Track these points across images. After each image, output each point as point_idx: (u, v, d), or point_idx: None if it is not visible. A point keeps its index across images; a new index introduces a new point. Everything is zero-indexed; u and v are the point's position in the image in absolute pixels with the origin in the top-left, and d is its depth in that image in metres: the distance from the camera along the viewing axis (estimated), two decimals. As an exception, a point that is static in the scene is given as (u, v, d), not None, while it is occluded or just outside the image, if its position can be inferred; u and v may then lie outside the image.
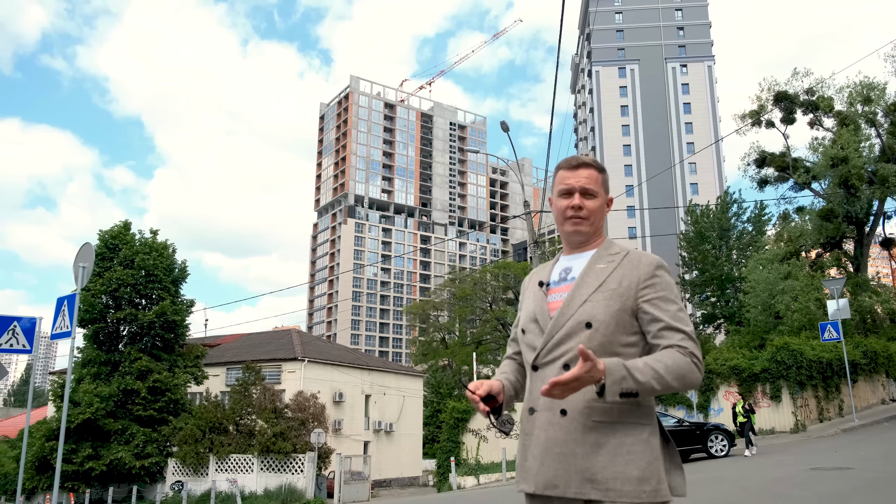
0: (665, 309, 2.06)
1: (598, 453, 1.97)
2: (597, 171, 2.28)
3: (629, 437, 1.98)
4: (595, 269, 2.17)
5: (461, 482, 21.02)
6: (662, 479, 1.98)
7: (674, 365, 1.96)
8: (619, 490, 1.93)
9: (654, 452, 1.99)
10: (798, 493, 8.56)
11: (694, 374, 1.98)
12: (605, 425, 1.99)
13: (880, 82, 31.65)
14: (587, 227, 2.23)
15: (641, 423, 2.01)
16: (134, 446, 26.08)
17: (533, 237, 21.16)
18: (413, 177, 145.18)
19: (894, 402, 26.03)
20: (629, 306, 2.08)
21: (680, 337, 2.01)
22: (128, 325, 28.93)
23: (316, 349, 37.14)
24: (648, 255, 2.18)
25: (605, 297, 2.09)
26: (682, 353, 1.98)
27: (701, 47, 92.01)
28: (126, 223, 29.88)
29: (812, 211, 33.32)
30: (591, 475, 1.95)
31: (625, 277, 2.12)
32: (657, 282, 2.10)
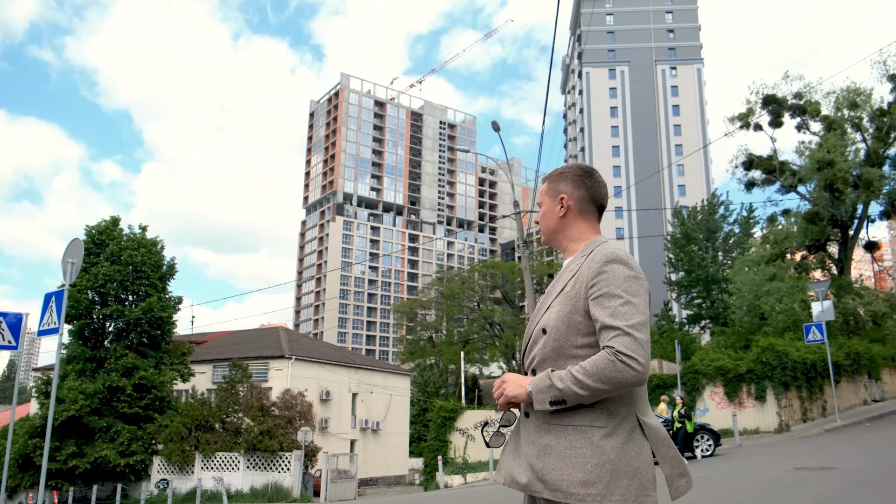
0: (605, 306, 1.99)
1: (550, 455, 2.00)
2: (546, 182, 2.38)
3: (579, 440, 1.98)
4: (563, 275, 2.21)
5: (448, 481, 21.08)
6: (615, 484, 1.93)
7: (593, 368, 1.92)
8: (564, 492, 1.94)
9: (605, 456, 1.95)
10: (791, 494, 8.66)
11: (622, 373, 1.89)
12: (558, 428, 2.01)
13: (867, 88, 32.07)
14: (543, 237, 2.40)
15: (595, 425, 1.98)
16: (119, 444, 25.91)
17: (522, 237, 21.23)
18: (402, 175, 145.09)
19: (876, 402, 26.35)
20: (580, 307, 2.06)
21: (612, 335, 1.94)
22: (114, 322, 28.74)
23: (303, 347, 37.07)
24: (605, 251, 2.13)
25: (560, 302, 2.12)
26: (608, 352, 1.92)
27: (690, 50, 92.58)
28: (115, 218, 29.71)
29: (798, 213, 33.66)
30: (542, 475, 1.99)
31: (578, 278, 2.12)
32: (602, 278, 2.04)
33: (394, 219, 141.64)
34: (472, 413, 25.23)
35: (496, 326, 56.12)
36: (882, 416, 21.67)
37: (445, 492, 19.02)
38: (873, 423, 20.46)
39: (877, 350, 27.10)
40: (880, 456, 12.77)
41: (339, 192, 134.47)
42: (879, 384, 27.24)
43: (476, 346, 56.89)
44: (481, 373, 61.19)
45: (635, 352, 1.91)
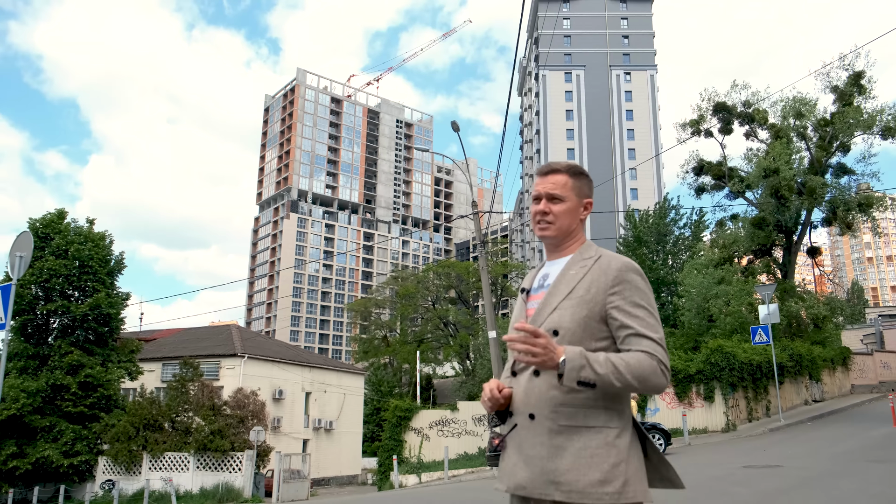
0: (633, 315, 2.07)
1: (562, 456, 2.02)
2: (567, 175, 2.32)
3: (593, 441, 2.02)
4: (567, 275, 2.21)
5: (403, 480, 21.05)
6: (629, 481, 1.99)
7: (637, 365, 1.99)
8: (580, 492, 1.97)
9: (620, 455, 2.01)
10: (739, 491, 8.92)
11: (658, 378, 2.01)
12: (571, 429, 2.03)
13: (812, 98, 33.10)
14: (552, 231, 2.29)
15: (608, 426, 2.04)
16: (62, 444, 25.11)
17: (480, 237, 21.35)
18: (358, 173, 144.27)
19: (816, 402, 27.33)
20: (597, 312, 2.11)
21: (647, 344, 2.04)
22: (59, 318, 27.86)
23: (256, 345, 36.56)
24: (619, 258, 2.19)
25: (573, 305, 2.13)
26: (651, 358, 2.02)
27: (644, 56, 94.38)
28: (61, 212, 28.79)
29: (745, 219, 34.58)
30: (555, 477, 2.00)
31: (593, 283, 2.14)
32: (625, 287, 2.11)
33: (349, 217, 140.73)
34: (428, 412, 25.26)
35: (451, 326, 56.28)
36: (822, 416, 22.50)
37: (400, 491, 19.01)
38: (814, 422, 21.24)
39: (818, 352, 28.12)
40: (822, 454, 13.26)
41: (293, 188, 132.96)
42: (819, 385, 28.26)
43: (430, 346, 56.97)
44: (434, 372, 61.30)
45: (668, 364, 2.06)
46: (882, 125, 31.26)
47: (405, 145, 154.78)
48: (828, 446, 14.66)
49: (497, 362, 20.09)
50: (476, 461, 20.96)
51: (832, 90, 32.72)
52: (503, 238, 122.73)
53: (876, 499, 8.00)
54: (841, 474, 10.26)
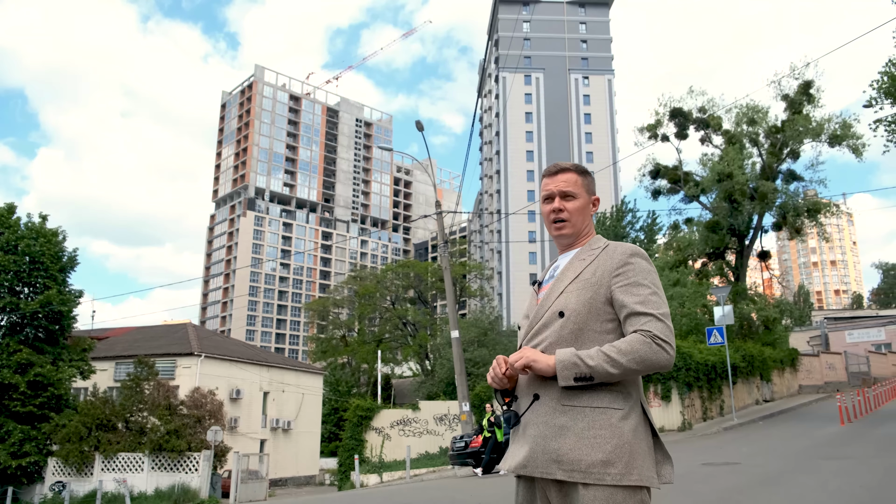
0: (634, 293, 2.12)
1: (566, 436, 2.05)
2: (576, 174, 2.40)
3: (597, 421, 2.05)
4: (574, 263, 2.30)
5: (364, 480, 20.98)
6: (633, 464, 2.01)
7: (628, 348, 2.02)
8: (583, 472, 2.00)
9: (623, 437, 2.03)
10: (699, 489, 9.14)
11: (657, 355, 2.02)
12: (574, 409, 2.07)
13: (764, 106, 34.06)
14: (569, 229, 2.36)
15: (612, 407, 2.07)
16: (9, 445, 24.26)
17: (443, 237, 21.42)
18: (316, 172, 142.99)
19: (767, 402, 28.16)
20: (602, 294, 2.17)
21: (644, 320, 2.07)
22: (7, 315, 26.94)
23: (213, 344, 35.95)
24: (626, 245, 2.27)
25: (579, 288, 2.20)
26: (644, 335, 2.04)
27: (602, 61, 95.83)
28: (10, 206, 27.84)
29: (700, 223, 35.40)
30: (558, 456, 2.04)
31: (599, 267, 2.22)
32: (628, 269, 2.17)
33: (307, 216, 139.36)
34: (389, 412, 25.23)
35: (410, 326, 56.23)
36: (773, 416, 23.20)
37: (361, 491, 18.95)
38: (766, 421, 21.89)
39: (768, 353, 28.97)
40: (777, 452, 13.70)
41: (250, 186, 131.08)
42: (770, 385, 29.12)
43: (389, 346, 56.82)
44: (393, 372, 61.15)
45: (669, 337, 2.07)
46: (829, 133, 32.36)
47: (364, 144, 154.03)
48: (781, 444, 15.14)
49: (459, 361, 20.19)
50: (438, 461, 21.02)
51: (783, 98, 33.73)
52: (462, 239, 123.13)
53: (835, 495, 8.31)
54: (798, 471, 10.62)
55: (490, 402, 18.46)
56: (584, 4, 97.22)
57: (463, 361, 20.50)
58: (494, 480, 14.34)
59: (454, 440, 17.86)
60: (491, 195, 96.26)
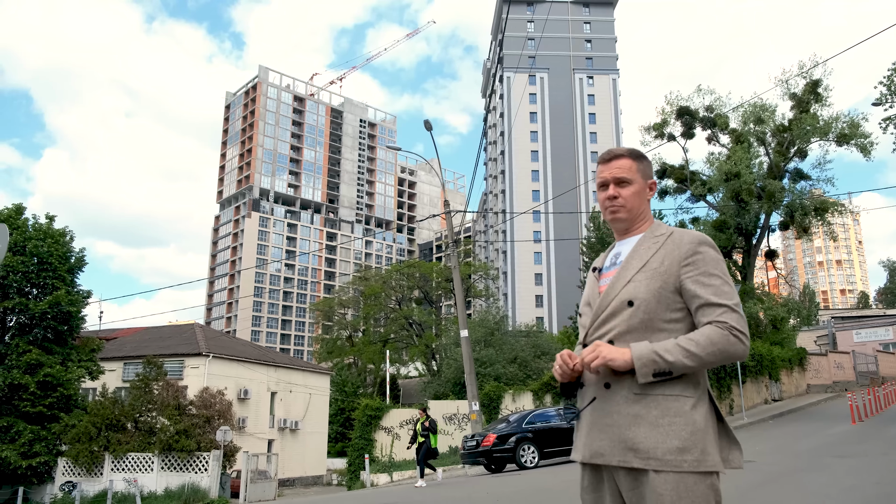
0: (706, 284, 2.11)
1: (640, 424, 2.05)
2: (630, 159, 2.40)
3: (671, 409, 2.05)
4: (639, 251, 2.28)
5: (374, 479, 20.99)
6: (707, 450, 2.02)
7: (706, 341, 2.02)
8: (659, 459, 2.00)
9: (697, 424, 2.04)
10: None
11: (735, 347, 2.03)
12: (647, 398, 2.07)
13: (771, 104, 33.91)
14: (624, 213, 2.35)
15: (685, 395, 2.07)
16: (20, 445, 24.32)
17: (452, 235, 21.43)
18: (321, 173, 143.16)
19: (776, 401, 28.12)
20: (671, 283, 2.16)
21: (719, 312, 2.06)
22: (16, 316, 27.02)
23: (220, 344, 36.02)
24: (692, 233, 2.24)
25: (647, 277, 2.18)
26: (720, 327, 2.03)
27: (606, 60, 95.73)
28: (18, 207, 27.95)
29: (707, 222, 35.30)
30: (633, 445, 2.04)
31: (667, 256, 2.20)
32: (698, 259, 2.16)
33: (311, 217, 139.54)
34: (398, 412, 25.23)
35: (415, 326, 56.25)
36: (782, 415, 23.17)
37: (371, 490, 18.95)
38: (775, 420, 21.86)
39: (776, 352, 28.93)
40: (788, 450, 13.69)
41: (255, 187, 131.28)
42: (778, 384, 29.08)
43: (395, 346, 56.83)
44: (399, 373, 61.18)
45: (744, 328, 2.06)
46: (837, 132, 32.23)
47: (368, 145, 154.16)
48: (792, 443, 15.12)
49: (469, 360, 20.18)
50: (447, 460, 21.02)
51: (790, 97, 33.60)
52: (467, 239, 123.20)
53: (849, 492, 8.30)
54: (810, 469, 10.60)
55: (424, 408, 17.95)
56: (588, 4, 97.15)
57: (472, 361, 20.50)
58: (506, 479, 14.35)
59: (465, 439, 17.86)
60: (496, 195, 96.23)
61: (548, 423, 17.18)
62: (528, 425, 17.09)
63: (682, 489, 1.98)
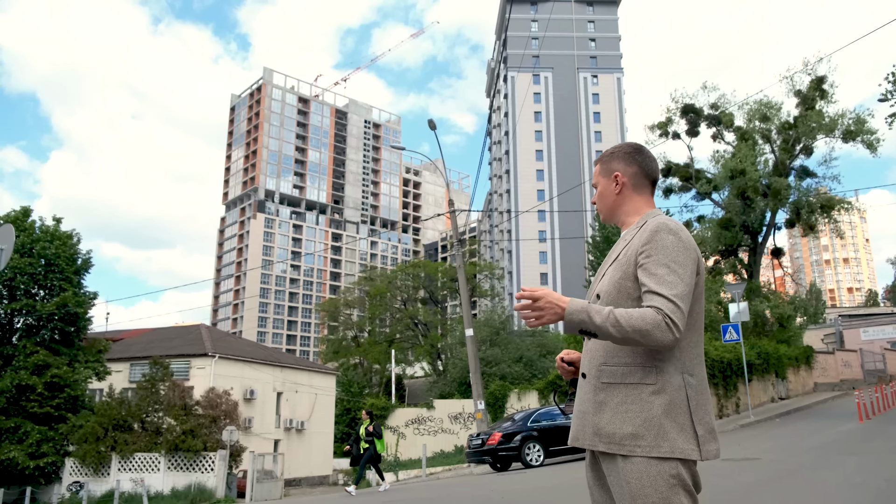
0: (651, 273, 2.13)
1: (604, 411, 2.19)
2: (597, 164, 2.55)
3: (629, 397, 2.15)
4: (618, 245, 2.38)
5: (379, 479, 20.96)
6: (665, 437, 2.07)
7: (639, 318, 2.04)
8: (617, 443, 2.13)
9: (654, 410, 2.10)
10: (722, 483, 9.10)
11: (660, 332, 2.02)
12: (611, 386, 2.19)
13: (777, 102, 33.79)
14: (602, 214, 2.52)
15: (644, 383, 2.14)
16: (28, 445, 24.46)
17: (457, 235, 21.43)
18: (326, 174, 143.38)
19: (783, 400, 28.00)
20: (630, 273, 2.21)
21: (657, 300, 2.07)
22: (23, 317, 27.17)
23: (226, 345, 36.09)
24: (657, 220, 2.26)
25: (612, 269, 2.29)
26: (657, 312, 2.05)
27: (611, 59, 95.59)
28: (25, 209, 28.15)
29: (712, 220, 35.21)
30: (598, 430, 2.19)
31: (629, 246, 2.27)
32: (650, 246, 2.18)
33: (317, 217, 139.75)
34: (404, 411, 25.27)
35: (421, 326, 56.26)
36: (789, 413, 23.06)
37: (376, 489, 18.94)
38: (782, 418, 21.76)
39: (783, 350, 28.80)
40: (796, 448, 13.62)
41: (260, 188, 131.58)
42: (785, 382, 28.96)
43: (401, 346, 56.88)
44: (405, 372, 61.23)
45: (680, 320, 2.06)
46: (843, 129, 32.09)
47: (373, 146, 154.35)
48: (800, 441, 15.05)
49: (474, 359, 20.18)
50: (453, 459, 21.02)
51: (796, 94, 33.47)
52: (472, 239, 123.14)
53: (858, 488, 8.25)
54: (819, 466, 10.55)
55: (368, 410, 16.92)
56: (592, 3, 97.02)
57: (478, 360, 20.49)
58: (511, 477, 14.33)
59: (471, 438, 17.85)
60: (501, 195, 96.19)
61: (553, 421, 17.16)
62: (533, 424, 17.08)
63: (642, 474, 2.07)
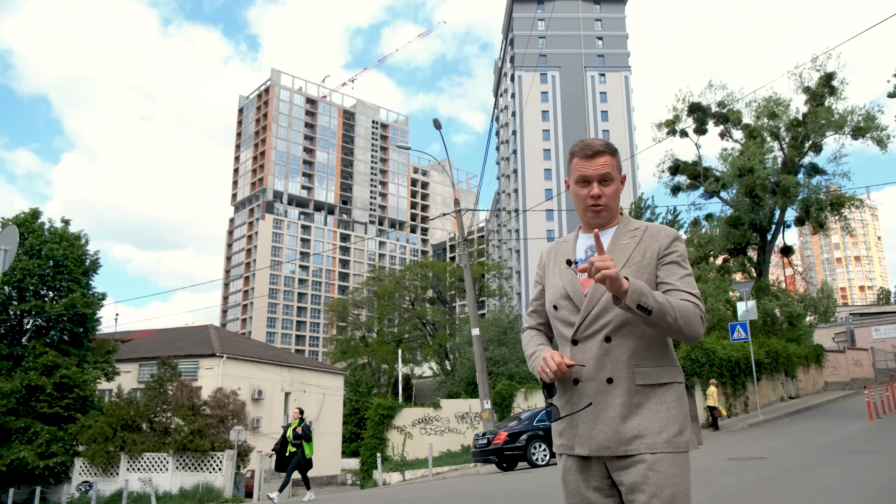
0: (676, 273, 2.26)
1: (642, 413, 2.19)
2: (611, 155, 2.38)
3: (668, 396, 2.22)
4: (619, 245, 2.34)
5: (386, 478, 21.01)
6: (696, 429, 2.27)
7: (684, 307, 2.13)
8: (665, 442, 2.15)
9: (685, 408, 2.25)
10: (725, 481, 9.06)
11: (699, 325, 2.15)
12: (647, 388, 2.21)
13: (785, 98, 33.55)
14: (606, 212, 2.39)
15: (676, 381, 2.26)
16: (37, 445, 24.62)
17: (463, 235, 21.41)
18: (334, 174, 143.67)
19: (792, 399, 27.81)
20: (653, 275, 2.28)
21: (687, 296, 2.19)
22: (33, 318, 27.35)
23: (234, 345, 36.22)
24: (666, 228, 2.39)
25: (633, 271, 2.26)
26: (695, 305, 2.16)
27: (618, 58, 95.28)
28: (35, 211, 28.34)
29: (721, 218, 35.03)
30: (639, 432, 2.16)
31: (647, 249, 2.31)
32: (673, 252, 2.31)
33: (325, 218, 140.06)
34: (411, 410, 25.25)
35: (429, 326, 56.26)
36: (799, 412, 22.91)
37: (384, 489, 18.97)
38: (791, 418, 21.61)
39: (793, 349, 28.60)
40: (803, 447, 13.53)
41: (268, 189, 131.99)
42: (795, 381, 28.76)
43: (409, 346, 56.89)
44: (413, 372, 61.24)
45: (705, 315, 2.22)
46: (853, 125, 31.83)
47: (381, 146, 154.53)
48: (807, 440, 14.94)
49: (481, 359, 20.15)
50: (460, 459, 21.00)
51: (804, 91, 33.23)
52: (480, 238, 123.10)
53: (861, 486, 8.19)
54: (824, 464, 10.47)
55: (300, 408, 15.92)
56: (599, 1, 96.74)
57: (484, 359, 20.46)
58: (517, 476, 14.30)
59: (476, 437, 17.82)
60: (508, 194, 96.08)
61: (560, 420, 17.06)
62: (539, 423, 17.03)
63: (676, 468, 2.14)
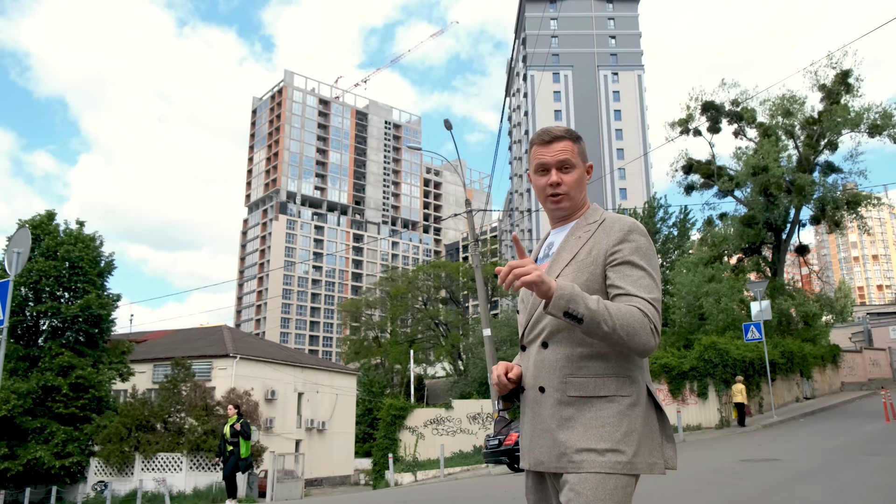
0: (626, 275, 1.99)
1: (573, 427, 1.96)
2: (571, 141, 2.20)
3: (604, 411, 1.96)
4: (570, 241, 2.15)
5: (398, 479, 21.02)
6: (640, 452, 1.95)
7: (628, 316, 1.88)
8: (592, 461, 1.91)
9: (632, 424, 1.96)
10: (737, 483, 8.98)
11: (647, 336, 1.89)
12: (581, 399, 1.98)
13: (800, 96, 33.24)
14: (567, 202, 2.19)
15: (620, 395, 1.98)
16: (53, 445, 24.89)
17: (473, 236, 21.38)
18: (347, 175, 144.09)
19: (808, 399, 27.54)
20: (598, 275, 2.04)
21: (640, 302, 1.94)
22: (49, 319, 27.64)
23: (248, 346, 36.40)
24: (623, 219, 2.11)
25: (574, 270, 2.06)
26: (642, 314, 1.91)
27: (631, 56, 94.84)
28: (50, 213, 28.66)
29: (735, 217, 34.75)
30: (566, 449, 1.95)
31: (595, 246, 2.08)
32: (624, 247, 2.04)
33: (338, 218, 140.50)
34: (423, 411, 25.27)
35: (442, 326, 56.26)
36: (814, 413, 22.69)
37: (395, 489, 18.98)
38: (807, 419, 21.41)
39: (808, 349, 28.33)
40: (818, 448, 13.38)
41: (282, 190, 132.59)
42: (810, 382, 28.48)
43: (422, 346, 56.93)
44: (426, 372, 61.27)
45: (659, 324, 1.96)
46: (869, 123, 31.47)
47: (394, 146, 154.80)
48: (822, 441, 14.78)
49: (492, 359, 20.11)
50: (472, 459, 20.97)
51: (820, 88, 32.89)
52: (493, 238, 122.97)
53: (876, 489, 8.08)
54: (839, 467, 10.35)
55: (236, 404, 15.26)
56: (612, 0, 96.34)
57: (496, 359, 20.44)
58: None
59: (488, 438, 17.79)
60: (521, 194, 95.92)
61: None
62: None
63: (602, 492, 1.89)
